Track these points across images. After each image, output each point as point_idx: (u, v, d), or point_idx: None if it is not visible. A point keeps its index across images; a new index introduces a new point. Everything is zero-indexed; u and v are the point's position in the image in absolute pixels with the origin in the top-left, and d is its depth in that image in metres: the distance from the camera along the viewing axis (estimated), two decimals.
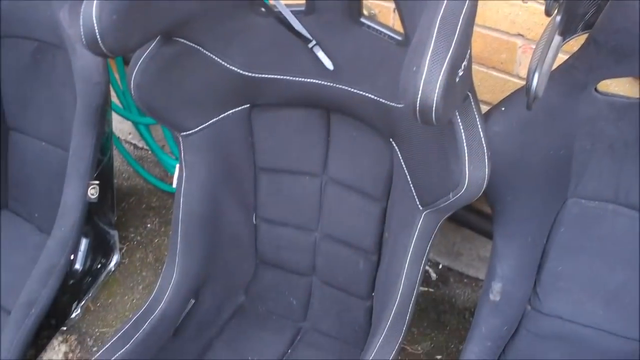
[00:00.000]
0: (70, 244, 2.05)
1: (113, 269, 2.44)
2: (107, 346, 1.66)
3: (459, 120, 1.32)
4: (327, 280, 1.90)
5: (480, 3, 1.23)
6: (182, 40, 1.54)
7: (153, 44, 1.54)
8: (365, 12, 1.51)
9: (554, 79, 1.42)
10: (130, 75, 1.56)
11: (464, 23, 1.09)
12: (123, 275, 2.45)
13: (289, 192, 1.84)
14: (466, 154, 1.34)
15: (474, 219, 2.07)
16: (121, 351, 1.65)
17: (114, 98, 2.52)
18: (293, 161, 1.80)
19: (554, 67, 1.33)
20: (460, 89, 1.17)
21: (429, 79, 1.05)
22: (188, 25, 1.51)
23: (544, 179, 1.55)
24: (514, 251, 1.61)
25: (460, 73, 1.13)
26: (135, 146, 2.86)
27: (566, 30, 1.33)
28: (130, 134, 2.65)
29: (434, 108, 1.06)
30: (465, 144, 1.34)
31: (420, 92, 1.06)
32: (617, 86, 1.57)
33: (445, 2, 1.10)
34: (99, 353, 1.65)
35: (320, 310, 1.95)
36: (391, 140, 1.57)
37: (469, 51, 1.16)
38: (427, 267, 2.36)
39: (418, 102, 1.06)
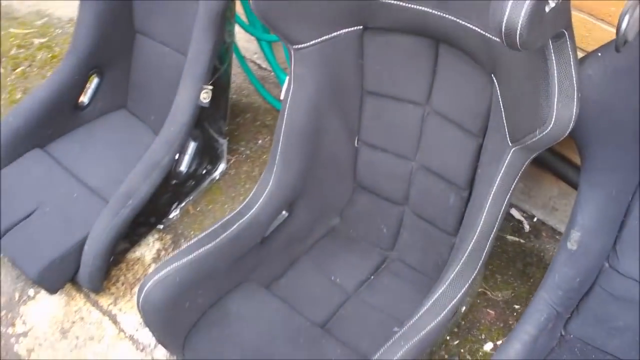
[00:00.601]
0: (177, 144, 2.20)
1: (217, 178, 2.59)
2: (193, 241, 1.80)
3: (554, 57, 1.39)
4: (418, 212, 1.99)
5: None
6: None
7: None
8: None
9: None
10: None
11: None
12: (227, 184, 2.59)
13: (392, 119, 1.92)
14: (556, 92, 1.41)
15: (571, 172, 2.10)
16: (207, 246, 1.80)
17: (241, 14, 2.67)
18: (399, 88, 1.88)
19: None
20: (551, 20, 1.23)
21: (515, 3, 1.14)
22: None
23: (635, 132, 1.58)
24: (597, 201, 1.65)
25: (552, 3, 1.20)
26: (259, 66, 3.00)
27: None
28: (255, 54, 2.79)
29: (518, 31, 1.14)
30: (556, 82, 1.40)
31: (506, 15, 1.14)
32: None
33: None
34: (186, 245, 1.80)
35: (409, 242, 2.04)
36: (492, 75, 1.63)
37: None
38: (521, 218, 2.42)
39: (504, 25, 1.15)
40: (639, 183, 1.65)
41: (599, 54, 1.50)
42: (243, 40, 2.72)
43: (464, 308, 2.02)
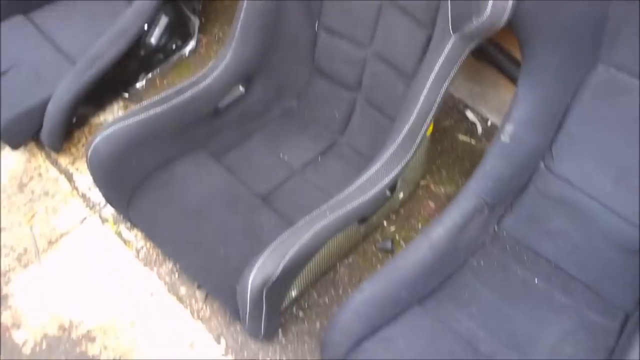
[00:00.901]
0: (146, 15, 2.26)
1: (187, 55, 2.63)
2: (146, 103, 1.86)
3: None
4: (369, 99, 2.03)
5: None
6: None
7: None
8: None
9: None
10: None
11: None
12: (195, 62, 2.62)
13: (351, 5, 1.95)
14: None
15: (516, 69, 2.08)
16: (157, 109, 1.85)
17: None
18: None
19: None
20: None
21: None
22: None
23: (576, 33, 1.60)
24: (534, 98, 1.68)
25: None
26: None
27: None
28: None
29: None
30: None
31: None
32: None
33: None
34: (139, 106, 1.86)
35: (358, 127, 2.10)
36: None
37: None
38: (475, 120, 2.45)
39: None
40: (578, 86, 1.67)
41: None
42: None
43: (401, 194, 2.06)
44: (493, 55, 2.15)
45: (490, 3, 1.46)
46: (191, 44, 2.58)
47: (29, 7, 2.50)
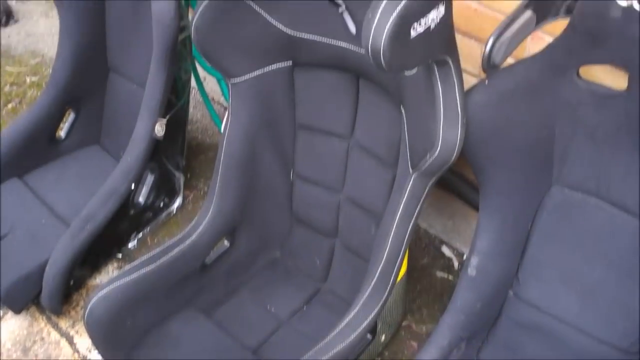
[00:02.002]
0: (134, 174, 2.33)
1: (175, 212, 2.69)
2: (136, 262, 1.91)
3: (439, 83, 1.50)
4: (346, 244, 2.07)
5: None
6: None
7: None
8: None
9: (536, 59, 1.56)
10: (192, 19, 1.81)
11: None
12: (184, 218, 2.68)
13: (321, 152, 2.03)
14: (442, 116, 1.52)
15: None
16: (147, 268, 1.90)
17: None
18: (326, 121, 2.00)
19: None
20: (421, 44, 1.34)
21: (379, 25, 1.24)
22: None
23: (527, 157, 1.65)
24: (494, 227, 1.71)
25: (420, 29, 1.30)
26: (225, 108, 3.11)
27: (545, 11, 1.50)
28: (222, 96, 2.91)
29: (381, 51, 1.25)
30: (442, 106, 1.51)
31: (371, 36, 1.25)
32: (606, 78, 1.64)
33: None
34: (130, 266, 1.91)
35: (339, 273, 2.13)
36: (401, 107, 1.73)
37: (437, 12, 1.34)
38: (451, 256, 2.48)
39: (370, 46, 1.26)
40: (536, 210, 1.71)
41: (487, 82, 1.59)
42: (212, 82, 2.83)
43: (383, 337, 2.07)
44: (457, 186, 2.21)
45: (440, 139, 1.53)
46: (178, 201, 2.65)
47: (24, 170, 2.60)
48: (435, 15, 1.34)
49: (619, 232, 1.64)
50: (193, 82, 2.56)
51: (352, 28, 1.72)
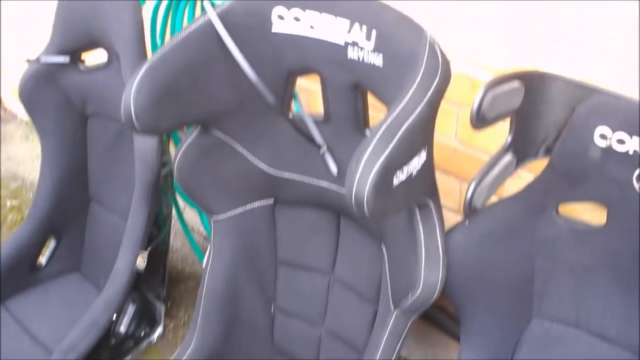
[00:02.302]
0: (115, 305, 2.32)
1: (155, 340, 2.67)
2: None
3: (420, 226, 1.54)
4: None
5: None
6: (218, 132, 1.83)
7: (194, 133, 1.83)
8: None
9: (516, 199, 1.60)
10: (174, 157, 1.85)
11: (408, 131, 1.32)
12: (165, 348, 2.66)
13: (302, 286, 2.04)
14: (423, 257, 1.54)
15: None
16: None
17: None
18: (308, 258, 2.02)
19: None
20: (403, 191, 1.37)
21: (362, 175, 1.27)
22: (223, 120, 1.79)
23: (507, 295, 1.68)
24: None
25: (402, 177, 1.34)
26: (205, 238, 3.13)
27: (525, 152, 1.54)
28: (202, 225, 2.93)
29: (365, 201, 1.27)
30: (423, 248, 1.54)
31: (354, 186, 1.28)
32: (588, 214, 1.68)
33: (400, 107, 1.35)
34: None
35: None
36: (382, 245, 1.77)
37: (418, 159, 1.39)
38: None
39: (353, 195, 1.29)
40: (516, 343, 1.73)
41: (467, 223, 1.62)
42: (192, 212, 2.86)
43: None
44: (438, 318, 2.23)
45: (422, 280, 1.54)
46: (159, 330, 2.64)
47: (5, 295, 2.59)
48: (417, 162, 1.38)
49: None
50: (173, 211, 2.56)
51: (334, 169, 1.75)
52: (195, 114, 1.73)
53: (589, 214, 1.64)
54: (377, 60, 1.52)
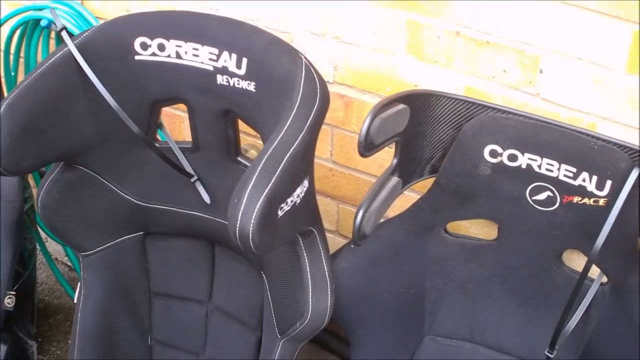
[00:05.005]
0: None
1: None
2: None
3: (305, 254, 1.43)
4: None
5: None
6: (82, 167, 1.66)
7: (57, 169, 1.65)
8: None
9: (402, 219, 1.52)
10: (37, 195, 1.67)
11: (290, 161, 1.20)
12: None
13: (179, 317, 1.89)
14: (310, 286, 1.43)
15: None
16: None
17: None
18: (182, 288, 1.87)
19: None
20: (288, 222, 1.25)
21: (246, 211, 1.14)
22: (87, 155, 1.62)
23: (397, 315, 1.59)
24: None
25: (287, 208, 1.22)
26: (70, 268, 2.93)
27: (410, 173, 1.45)
28: (66, 256, 2.74)
29: (250, 237, 1.14)
30: (309, 277, 1.43)
31: (238, 222, 1.14)
32: (476, 228, 1.63)
33: (280, 136, 1.22)
34: None
35: None
36: (262, 272, 1.64)
37: (302, 188, 1.27)
38: None
39: (237, 232, 1.15)
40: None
41: (352, 246, 1.53)
42: (55, 242, 2.66)
43: None
44: (328, 342, 2.14)
45: (310, 308, 1.44)
46: None
47: None
48: (300, 191, 1.27)
49: None
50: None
51: (206, 198, 1.63)
52: (58, 150, 1.56)
53: (479, 228, 1.59)
54: (250, 86, 1.41)
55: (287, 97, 1.30)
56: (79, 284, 1.85)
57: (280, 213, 1.21)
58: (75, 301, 1.86)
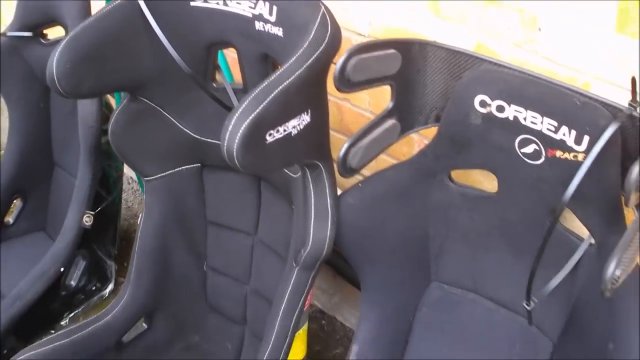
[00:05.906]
0: (63, 259, 2.32)
1: (107, 295, 2.67)
2: (50, 336, 1.86)
3: (311, 186, 1.53)
4: (254, 332, 2.05)
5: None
6: (146, 100, 1.80)
7: (125, 100, 1.80)
8: None
9: (408, 163, 1.57)
10: (109, 123, 1.82)
11: (282, 92, 1.28)
12: None
13: (229, 247, 2.03)
14: (312, 216, 1.53)
15: None
16: (62, 342, 1.85)
17: None
18: (233, 219, 2.00)
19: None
20: (279, 149, 1.33)
21: (233, 131, 1.24)
22: (148, 88, 1.77)
23: (403, 256, 1.65)
24: (374, 318, 1.68)
25: (277, 135, 1.30)
26: None
27: (412, 120, 1.52)
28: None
29: (235, 155, 1.24)
30: (313, 208, 1.53)
31: (226, 140, 1.25)
32: (488, 182, 1.63)
33: (279, 71, 1.32)
34: (46, 338, 1.86)
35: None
36: (293, 206, 1.74)
37: (299, 120, 1.35)
38: None
39: (225, 149, 1.26)
40: (417, 304, 1.70)
41: (360, 185, 1.59)
42: None
43: None
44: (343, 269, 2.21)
45: (311, 237, 1.53)
46: (110, 286, 2.63)
47: None
48: (297, 123, 1.34)
49: (497, 326, 1.63)
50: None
51: None
52: (118, 80, 1.70)
53: (490, 182, 1.60)
54: (279, 32, 1.51)
55: (303, 41, 1.39)
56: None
57: (269, 138, 1.29)
58: (139, 222, 2.01)
